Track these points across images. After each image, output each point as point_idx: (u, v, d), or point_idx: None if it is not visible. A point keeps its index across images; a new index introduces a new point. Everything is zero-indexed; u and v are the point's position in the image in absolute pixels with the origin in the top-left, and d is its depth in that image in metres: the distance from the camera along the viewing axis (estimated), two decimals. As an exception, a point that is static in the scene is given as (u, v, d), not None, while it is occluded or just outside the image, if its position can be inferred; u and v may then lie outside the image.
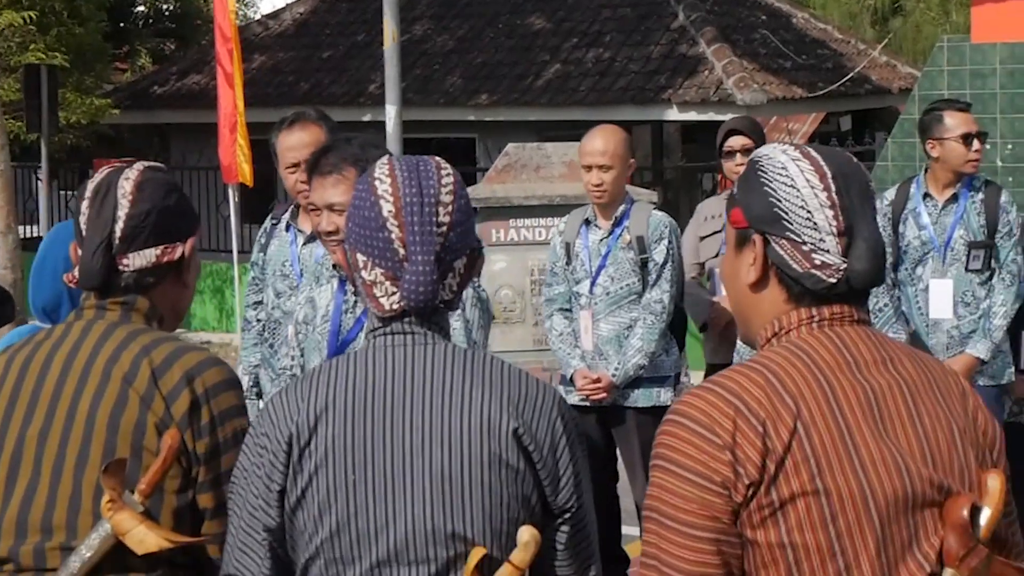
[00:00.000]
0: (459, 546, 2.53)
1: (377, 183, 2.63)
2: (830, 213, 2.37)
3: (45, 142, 15.73)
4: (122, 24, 24.74)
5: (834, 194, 2.38)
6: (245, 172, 13.26)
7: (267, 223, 5.60)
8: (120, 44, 24.27)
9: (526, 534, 2.53)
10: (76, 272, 3.02)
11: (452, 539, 2.53)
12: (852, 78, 18.47)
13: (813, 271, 2.37)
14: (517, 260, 11.68)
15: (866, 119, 20.63)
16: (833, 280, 2.36)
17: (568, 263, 6.56)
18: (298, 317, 4.39)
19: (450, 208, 2.59)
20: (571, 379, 6.49)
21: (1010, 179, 9.85)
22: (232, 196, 14.16)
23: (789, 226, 2.38)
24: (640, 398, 6.43)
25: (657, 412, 6.47)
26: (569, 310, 6.60)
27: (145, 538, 2.75)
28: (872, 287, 2.42)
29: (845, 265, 2.37)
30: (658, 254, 6.38)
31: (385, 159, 2.68)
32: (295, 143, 5.17)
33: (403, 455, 2.54)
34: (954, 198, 6.47)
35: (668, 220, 6.47)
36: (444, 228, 2.58)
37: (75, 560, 2.80)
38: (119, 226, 2.98)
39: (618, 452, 6.61)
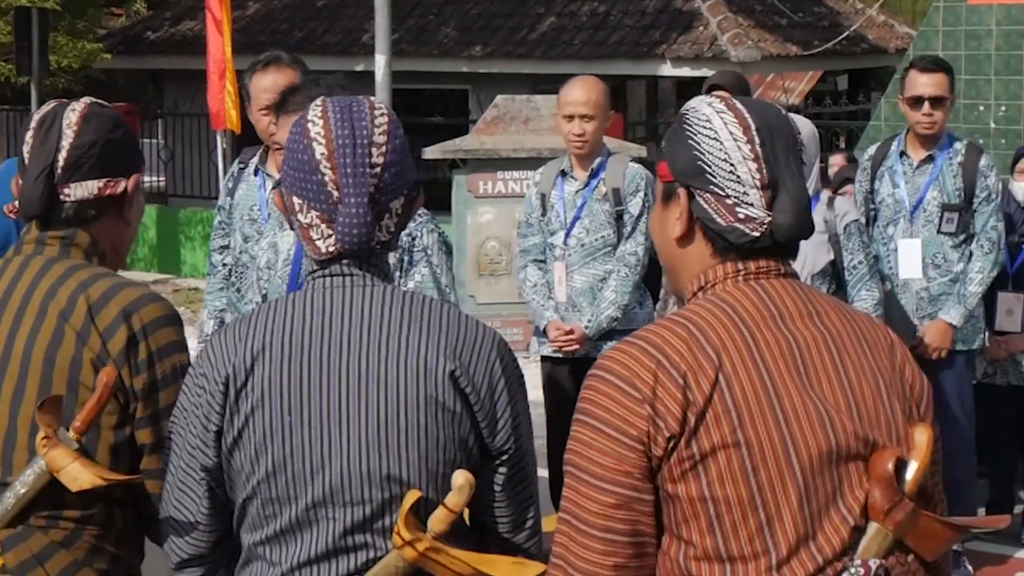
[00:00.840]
0: (394, 488, 2.53)
1: (310, 125, 2.60)
2: (753, 166, 2.34)
3: (35, 85, 15.65)
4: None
5: (758, 147, 2.35)
6: (233, 118, 13.21)
7: (234, 167, 5.57)
8: (115, -12, 24.14)
9: (460, 478, 2.52)
10: (17, 203, 3.00)
11: (388, 481, 2.53)
12: (848, 37, 18.36)
13: (737, 225, 2.35)
14: (504, 212, 11.66)
15: (863, 78, 20.54)
16: (757, 234, 2.34)
17: (543, 214, 6.54)
18: (260, 262, 4.36)
19: (384, 149, 2.57)
20: (544, 330, 6.48)
21: (1003, 141, 9.82)
22: (220, 143, 14.12)
23: (713, 179, 2.36)
24: (613, 351, 6.40)
25: (629, 365, 6.45)
26: (543, 261, 6.58)
27: (79, 475, 2.73)
28: (796, 240, 2.40)
29: (769, 219, 2.35)
30: (633, 206, 6.35)
31: (319, 100, 2.66)
32: (268, 85, 5.13)
33: (339, 397, 2.54)
34: (929, 159, 6.42)
35: (644, 172, 6.44)
36: (378, 169, 2.56)
37: (9, 496, 2.80)
38: (62, 155, 2.97)
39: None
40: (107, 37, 21.29)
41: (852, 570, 2.24)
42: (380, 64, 12.37)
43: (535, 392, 9.00)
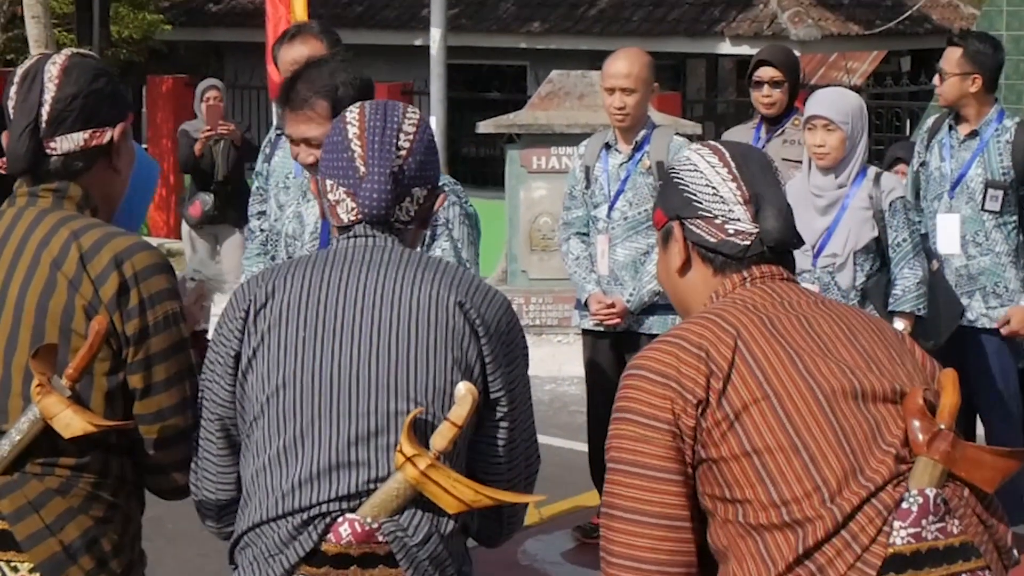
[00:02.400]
0: (400, 402, 2.64)
1: (347, 114, 2.83)
2: (733, 185, 2.60)
3: (97, 54, 15.72)
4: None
5: (734, 169, 2.61)
6: None
7: (271, 133, 5.56)
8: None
9: (463, 388, 2.64)
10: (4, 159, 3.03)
11: (394, 394, 2.64)
12: (911, 16, 18.18)
13: (728, 238, 2.58)
14: (557, 188, 11.59)
15: (926, 59, 20.33)
16: (747, 243, 2.57)
17: (587, 187, 6.50)
18: (286, 230, 4.36)
19: (412, 137, 2.79)
20: (586, 303, 6.45)
21: (1064, 123, 9.68)
22: (276, 115, 14.11)
23: (700, 206, 2.61)
24: (654, 325, 6.37)
25: (670, 339, 6.42)
26: (587, 234, 6.55)
27: (71, 422, 2.78)
28: (786, 246, 2.62)
29: (756, 229, 2.57)
30: (678, 180, 6.29)
31: (359, 103, 2.86)
32: (296, 56, 5.13)
33: (352, 317, 2.67)
34: (973, 134, 6.31)
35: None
36: (403, 152, 2.77)
37: (4, 443, 2.83)
38: (45, 109, 2.97)
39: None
40: (169, 8, 21.41)
41: (910, 500, 2.36)
42: (435, 38, 12.35)
43: (573, 368, 9.01)
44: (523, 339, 2.79)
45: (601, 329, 6.42)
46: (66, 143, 2.99)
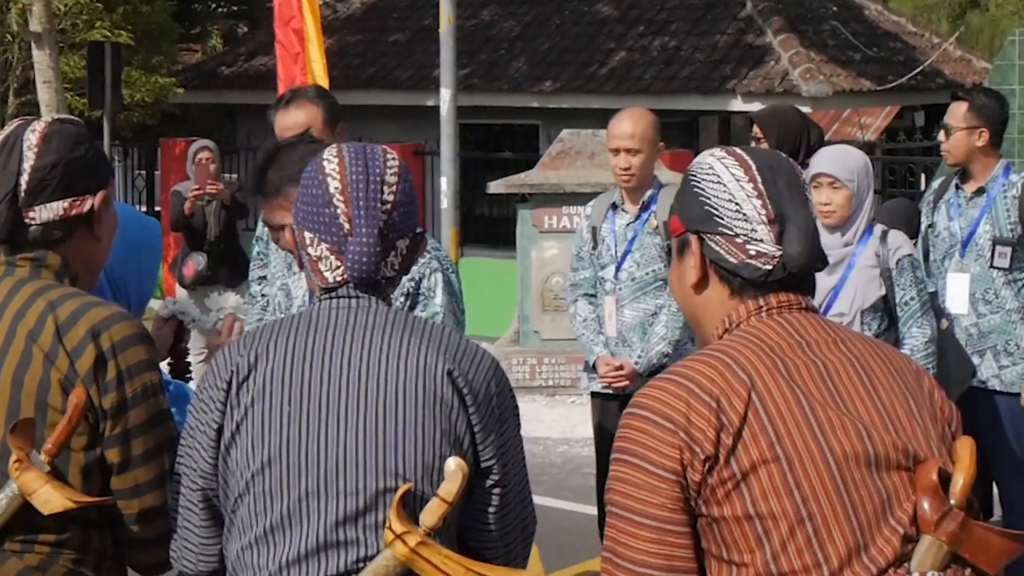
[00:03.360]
0: (389, 480, 2.56)
1: (325, 163, 2.71)
2: (758, 203, 2.43)
3: (108, 119, 15.76)
4: (194, 5, 24.84)
5: (760, 184, 2.44)
6: None
7: (273, 196, 5.51)
8: (192, 25, 24.37)
9: (453, 464, 2.56)
10: None
11: (383, 472, 2.56)
12: (923, 71, 18.17)
13: (749, 261, 2.43)
14: (569, 247, 11.46)
15: (939, 114, 20.28)
16: (769, 267, 2.42)
17: (594, 247, 6.46)
18: (277, 302, 4.34)
19: (394, 188, 2.68)
20: (594, 366, 6.39)
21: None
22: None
23: (721, 221, 2.44)
24: (662, 387, 6.30)
25: (679, 401, 6.34)
26: (594, 296, 6.50)
27: (50, 498, 2.72)
28: (810, 270, 2.46)
29: (779, 252, 2.41)
30: (684, 240, 6.25)
31: (333, 146, 2.76)
32: (290, 123, 5.09)
33: (338, 390, 2.59)
34: (980, 191, 6.25)
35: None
36: (388, 206, 2.67)
37: None
38: (24, 178, 2.93)
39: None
40: (182, 72, 21.49)
41: None
42: (445, 98, 12.36)
43: (586, 429, 8.96)
44: (513, 400, 2.71)
45: (610, 391, 6.35)
46: (45, 212, 2.94)
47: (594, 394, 6.50)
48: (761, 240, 2.42)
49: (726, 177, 2.46)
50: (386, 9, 21.48)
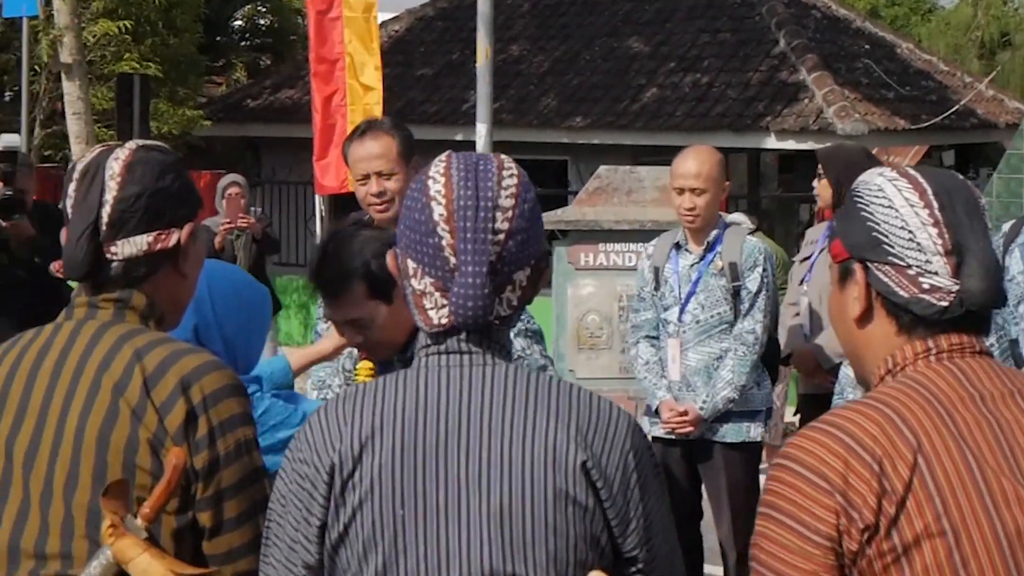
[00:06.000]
0: None
1: (430, 183, 2.35)
2: (934, 231, 2.20)
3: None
4: (219, 38, 24.79)
5: (937, 211, 2.21)
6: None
7: (337, 231, 5.36)
8: (216, 57, 24.31)
9: None
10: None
11: None
12: (957, 111, 18.00)
13: (922, 296, 2.19)
14: (605, 285, 11.39)
15: (970, 154, 20.14)
16: (945, 304, 2.19)
17: (656, 288, 6.27)
18: (343, 364, 4.15)
19: (510, 214, 2.31)
20: (656, 410, 6.20)
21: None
22: (320, 209, 14.05)
23: (891, 250, 2.21)
24: (729, 433, 6.12)
25: (746, 448, 6.18)
26: (656, 338, 6.31)
27: (149, 568, 2.45)
28: (990, 308, 2.20)
29: (957, 287, 2.17)
30: (751, 282, 6.07)
31: (444, 156, 2.40)
32: (364, 154, 4.94)
33: (458, 488, 2.26)
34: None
35: (763, 246, 6.17)
36: (501, 236, 2.30)
37: None
38: (106, 210, 2.67)
39: (703, 488, 6.31)
40: (207, 104, 21.40)
41: None
42: (481, 133, 12.19)
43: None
44: (652, 463, 2.37)
45: (672, 437, 6.16)
46: (128, 247, 2.68)
47: (655, 439, 6.30)
48: (936, 273, 2.18)
49: (898, 201, 2.22)
50: (413, 43, 21.39)
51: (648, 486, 2.33)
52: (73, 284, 2.80)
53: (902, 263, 2.20)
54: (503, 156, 2.41)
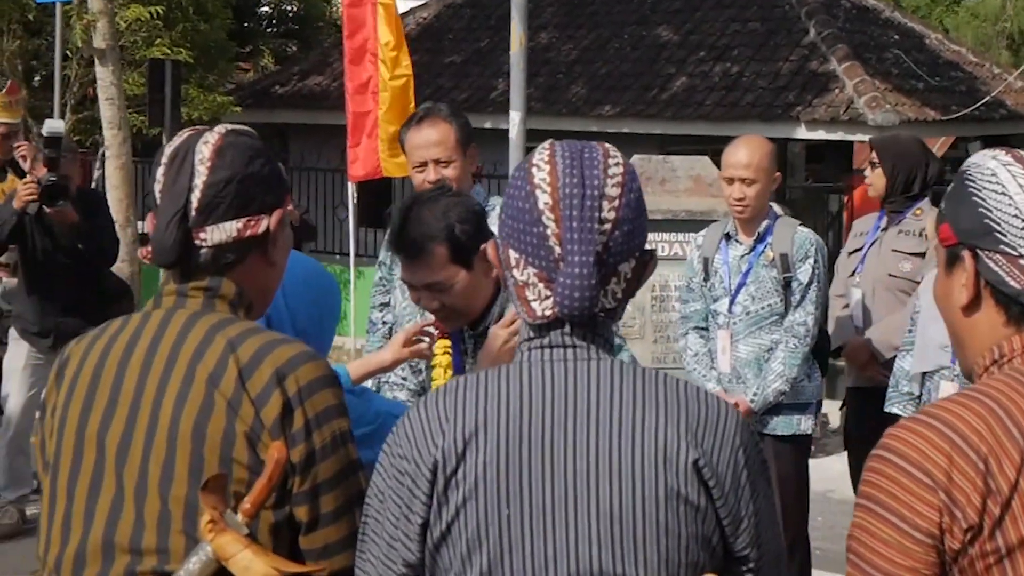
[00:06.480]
0: None
1: (535, 170, 2.32)
2: None
3: (167, 137, 15.61)
4: (246, 24, 24.77)
5: None
6: (390, 168, 13.19)
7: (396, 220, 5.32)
8: (244, 44, 24.30)
9: None
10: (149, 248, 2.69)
11: None
12: (987, 102, 17.92)
13: None
14: (638, 275, 11.36)
15: (996, 145, 20.03)
16: None
17: (706, 279, 6.26)
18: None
19: (616, 203, 2.27)
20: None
21: None
22: (351, 197, 14.04)
23: (1003, 238, 2.16)
24: (779, 425, 6.12)
25: (797, 441, 6.16)
26: (706, 329, 6.30)
27: (251, 565, 2.41)
28: None
29: None
30: (803, 274, 6.06)
31: (547, 143, 2.38)
32: (422, 141, 4.92)
33: (565, 487, 2.22)
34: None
35: (814, 238, 6.16)
36: (608, 225, 2.26)
37: None
38: (195, 195, 2.62)
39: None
40: (236, 91, 21.40)
41: None
42: (515, 121, 12.16)
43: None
44: (760, 458, 2.33)
45: (721, 429, 6.16)
46: (217, 234, 2.63)
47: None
48: None
49: (1012, 188, 2.16)
50: (441, 30, 21.36)
51: (758, 483, 2.30)
52: (114, 271, 2.73)
53: (1014, 252, 2.15)
54: (607, 144, 2.39)
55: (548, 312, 2.28)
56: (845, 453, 7.11)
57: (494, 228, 3.70)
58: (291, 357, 2.56)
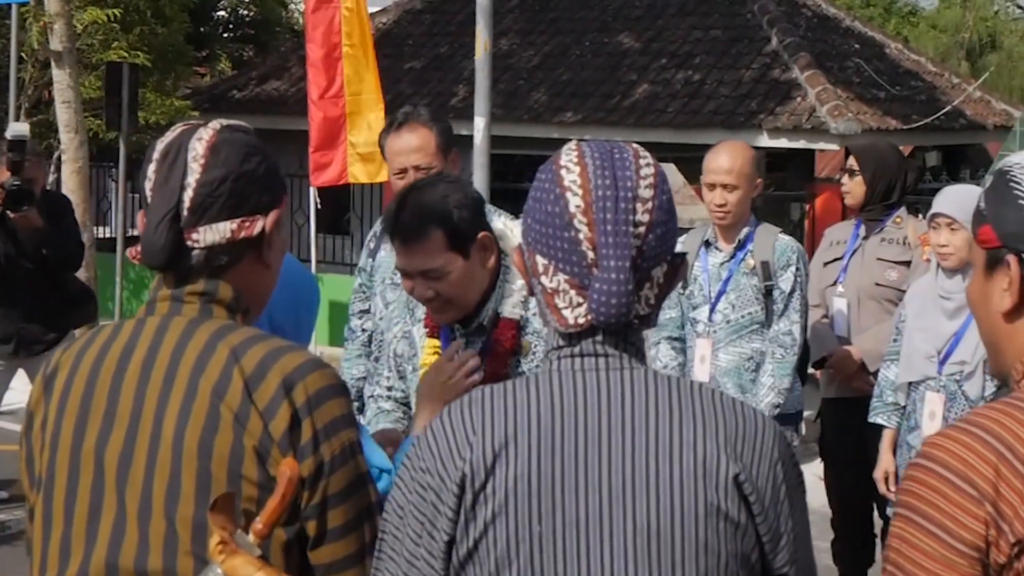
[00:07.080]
0: None
1: (564, 172, 2.20)
2: None
3: (123, 141, 15.45)
4: (202, 28, 24.57)
5: None
6: (356, 174, 13.09)
7: (377, 226, 5.19)
8: (200, 48, 24.10)
9: None
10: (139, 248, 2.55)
11: None
12: (946, 112, 17.96)
13: None
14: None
15: (953, 155, 20.09)
16: None
17: (684, 287, 6.14)
18: (393, 348, 4.00)
19: (650, 205, 2.17)
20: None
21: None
22: (313, 202, 13.93)
23: None
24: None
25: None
26: (679, 339, 6.17)
27: None
28: None
29: None
30: (785, 282, 5.95)
31: (573, 143, 2.27)
32: (402, 147, 4.79)
33: (600, 503, 2.11)
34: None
35: (796, 246, 6.05)
36: (642, 228, 2.16)
37: None
38: (188, 194, 2.47)
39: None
40: (193, 95, 21.22)
41: None
42: (479, 127, 12.05)
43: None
44: (799, 478, 2.24)
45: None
46: (210, 234, 2.48)
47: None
48: None
49: None
50: (401, 36, 21.24)
51: (795, 498, 2.21)
52: (78, 275, 2.60)
53: None
54: (635, 144, 2.29)
55: (582, 320, 2.18)
56: (817, 462, 7.01)
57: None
58: (298, 365, 2.42)
